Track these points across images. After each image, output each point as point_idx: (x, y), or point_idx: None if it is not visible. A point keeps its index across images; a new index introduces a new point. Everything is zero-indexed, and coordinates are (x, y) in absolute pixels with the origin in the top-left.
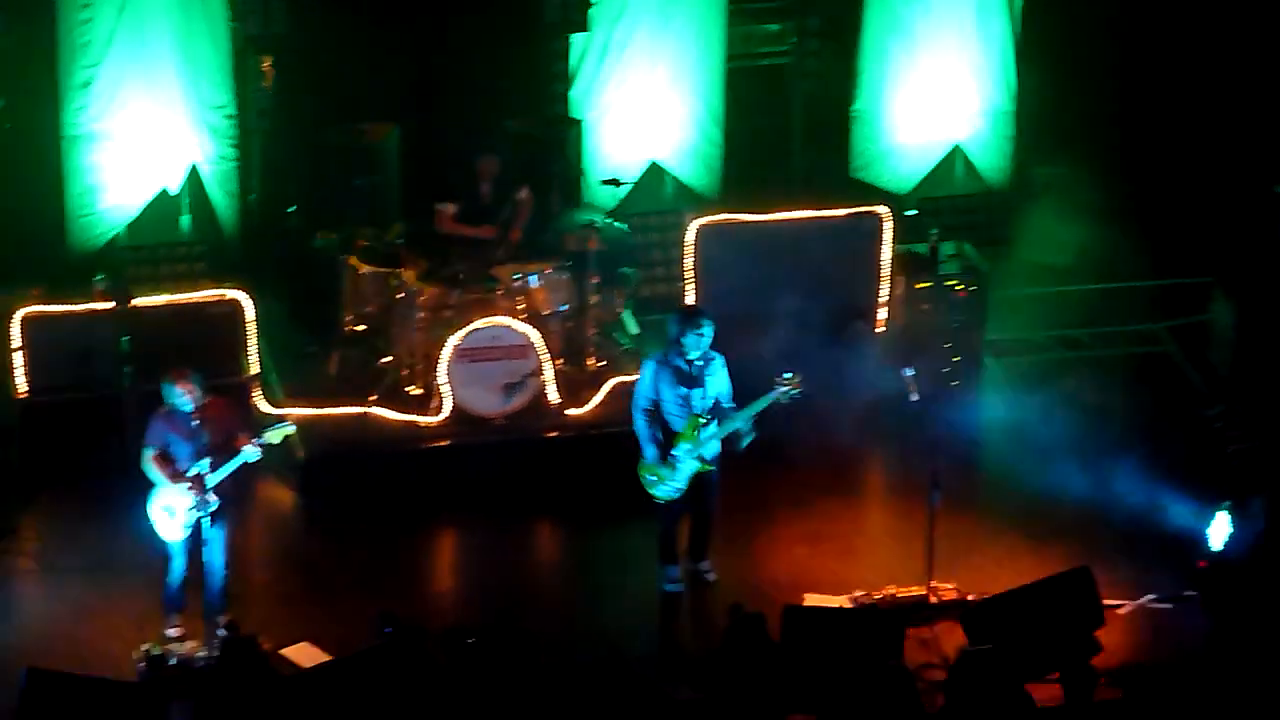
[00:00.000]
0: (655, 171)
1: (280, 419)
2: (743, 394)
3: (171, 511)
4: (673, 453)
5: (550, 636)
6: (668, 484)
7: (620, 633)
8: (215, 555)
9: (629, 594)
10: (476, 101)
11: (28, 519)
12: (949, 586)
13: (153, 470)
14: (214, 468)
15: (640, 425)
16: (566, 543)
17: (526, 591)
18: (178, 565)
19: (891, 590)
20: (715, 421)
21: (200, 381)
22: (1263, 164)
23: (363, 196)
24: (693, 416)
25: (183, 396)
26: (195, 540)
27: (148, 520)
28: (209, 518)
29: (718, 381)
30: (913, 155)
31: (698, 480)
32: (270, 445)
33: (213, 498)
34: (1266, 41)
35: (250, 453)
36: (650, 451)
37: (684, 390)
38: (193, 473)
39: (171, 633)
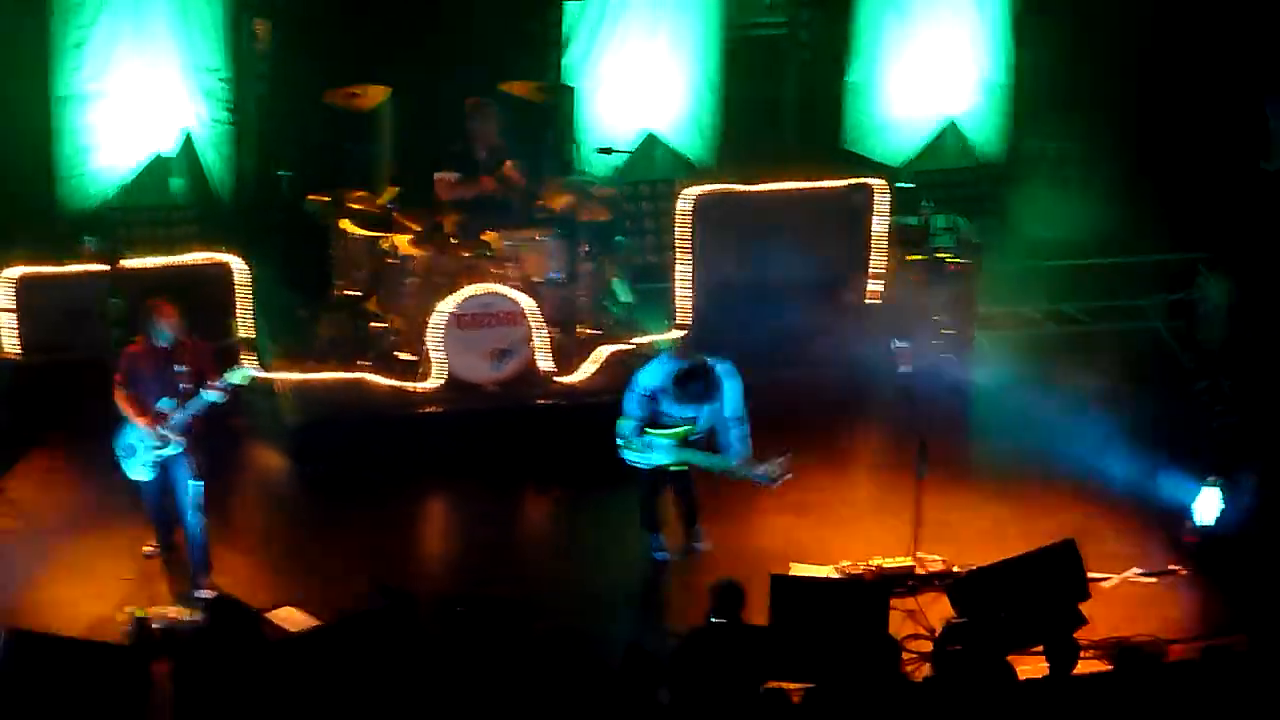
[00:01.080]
0: (650, 140)
1: (240, 364)
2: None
3: (134, 449)
4: (650, 438)
5: (539, 604)
6: (636, 454)
7: (611, 601)
8: (183, 503)
9: (620, 561)
10: (471, 67)
11: (14, 479)
12: (935, 558)
13: (121, 405)
14: (178, 407)
15: (629, 402)
16: (557, 510)
17: (517, 558)
18: (149, 496)
19: (878, 561)
20: (702, 442)
21: (179, 315)
22: (1257, 140)
23: (355, 160)
24: (687, 426)
25: (162, 327)
26: (163, 484)
27: (117, 457)
28: (173, 460)
29: (729, 399)
30: (907, 128)
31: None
32: (231, 386)
33: (175, 438)
34: (1262, 17)
35: (212, 395)
36: (628, 425)
37: (690, 411)
38: (155, 411)
39: (146, 550)
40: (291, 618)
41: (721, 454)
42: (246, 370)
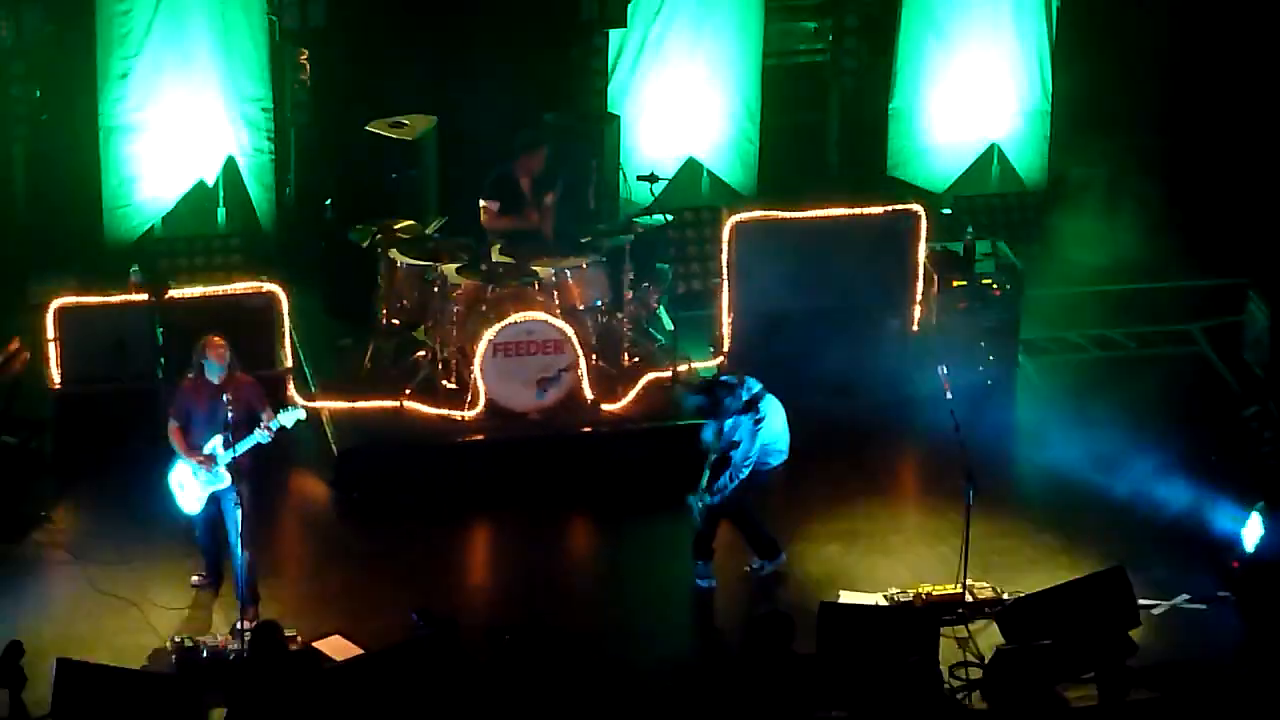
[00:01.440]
0: (692, 167)
1: (292, 403)
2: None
3: (184, 484)
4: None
5: (583, 633)
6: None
7: (652, 631)
8: (231, 535)
9: (662, 590)
10: (514, 96)
11: (61, 510)
12: (984, 585)
13: (173, 440)
14: (227, 445)
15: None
16: (600, 538)
17: (560, 587)
18: (199, 526)
19: (927, 588)
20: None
21: (230, 352)
22: None
23: (400, 190)
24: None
25: (213, 363)
26: (213, 516)
27: (169, 491)
28: (222, 493)
29: (740, 437)
30: (949, 153)
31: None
32: (281, 429)
33: (225, 475)
34: None
35: (261, 434)
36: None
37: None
38: (206, 450)
39: (194, 580)
40: (336, 646)
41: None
42: (296, 412)
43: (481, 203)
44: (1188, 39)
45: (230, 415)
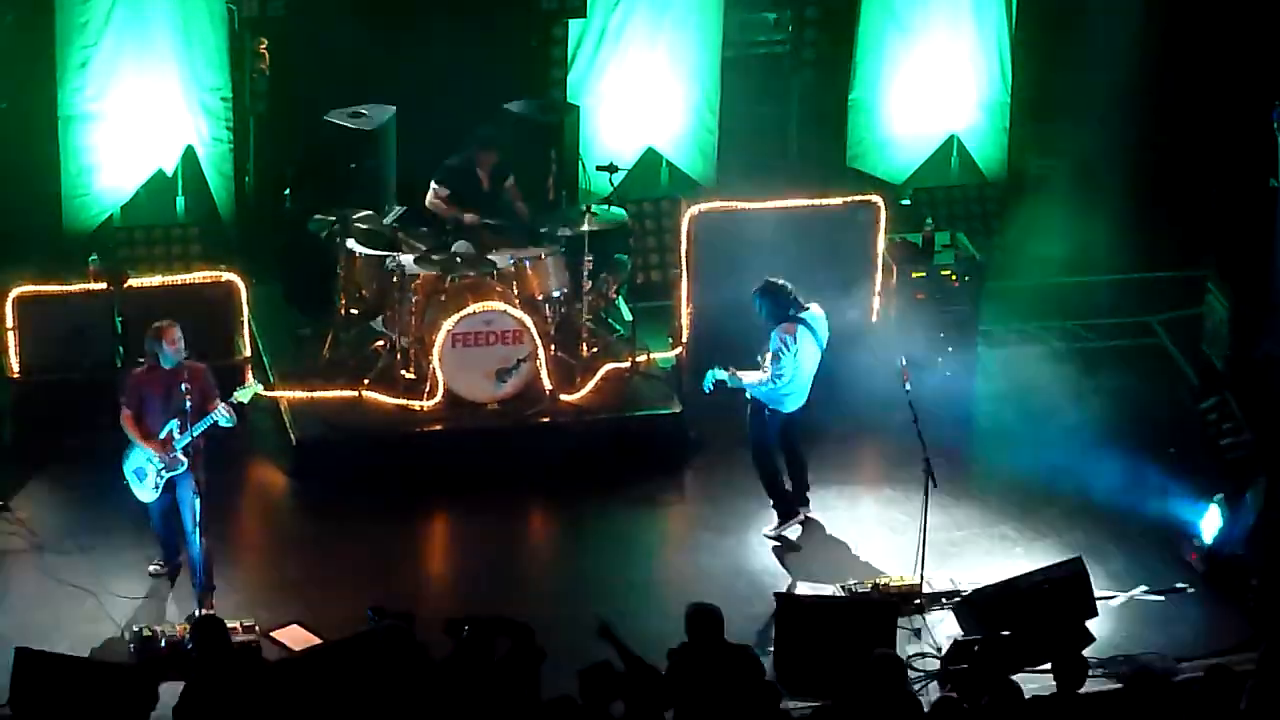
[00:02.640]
0: (651, 158)
1: (244, 382)
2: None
3: (142, 473)
4: None
5: (542, 623)
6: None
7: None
8: (187, 522)
9: (621, 580)
10: (474, 86)
11: (20, 499)
12: (942, 576)
13: (126, 428)
14: (183, 429)
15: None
16: (559, 528)
17: (519, 576)
18: (155, 515)
19: (884, 579)
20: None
21: (183, 336)
22: (1259, 156)
23: (359, 179)
24: None
25: (168, 352)
26: (169, 504)
27: (123, 480)
28: (179, 480)
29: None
30: (908, 145)
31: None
32: (239, 404)
33: (181, 459)
34: (1263, 32)
35: (220, 414)
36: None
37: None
38: (163, 434)
39: (151, 569)
40: (294, 636)
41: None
42: (252, 387)
43: (432, 185)
44: (1147, 30)
45: (186, 401)
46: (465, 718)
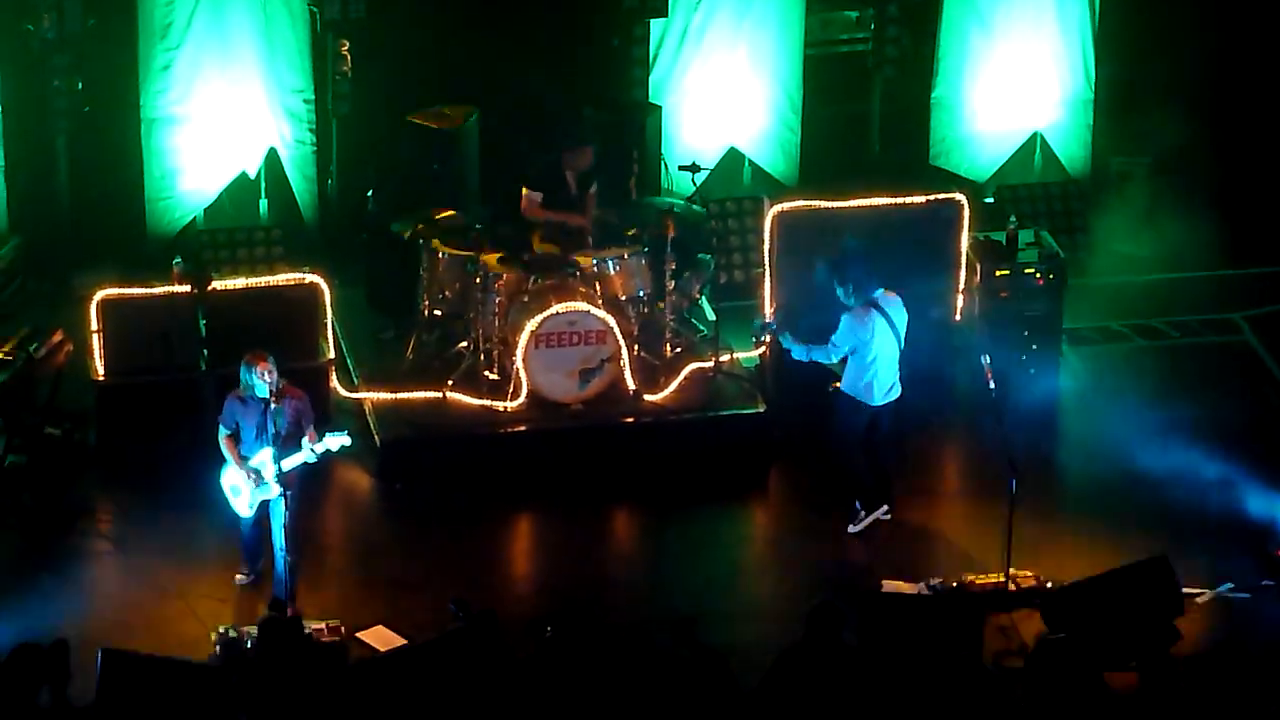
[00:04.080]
0: (734, 157)
1: (358, 418)
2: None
3: (236, 491)
4: None
5: (626, 624)
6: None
7: (696, 622)
8: (276, 538)
9: (705, 579)
10: (556, 86)
11: (105, 501)
12: (1028, 574)
13: (224, 449)
14: (277, 458)
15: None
16: (643, 529)
17: (602, 578)
18: (246, 526)
19: (970, 577)
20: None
21: (276, 367)
22: None
23: (442, 181)
24: None
25: (259, 381)
26: (263, 518)
27: (220, 493)
28: (272, 501)
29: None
30: (991, 142)
31: None
32: (326, 453)
33: (274, 487)
34: None
35: (308, 456)
36: None
37: None
38: (253, 462)
39: (238, 579)
40: (379, 636)
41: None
42: (342, 437)
43: (525, 190)
44: (1232, 26)
45: (278, 429)
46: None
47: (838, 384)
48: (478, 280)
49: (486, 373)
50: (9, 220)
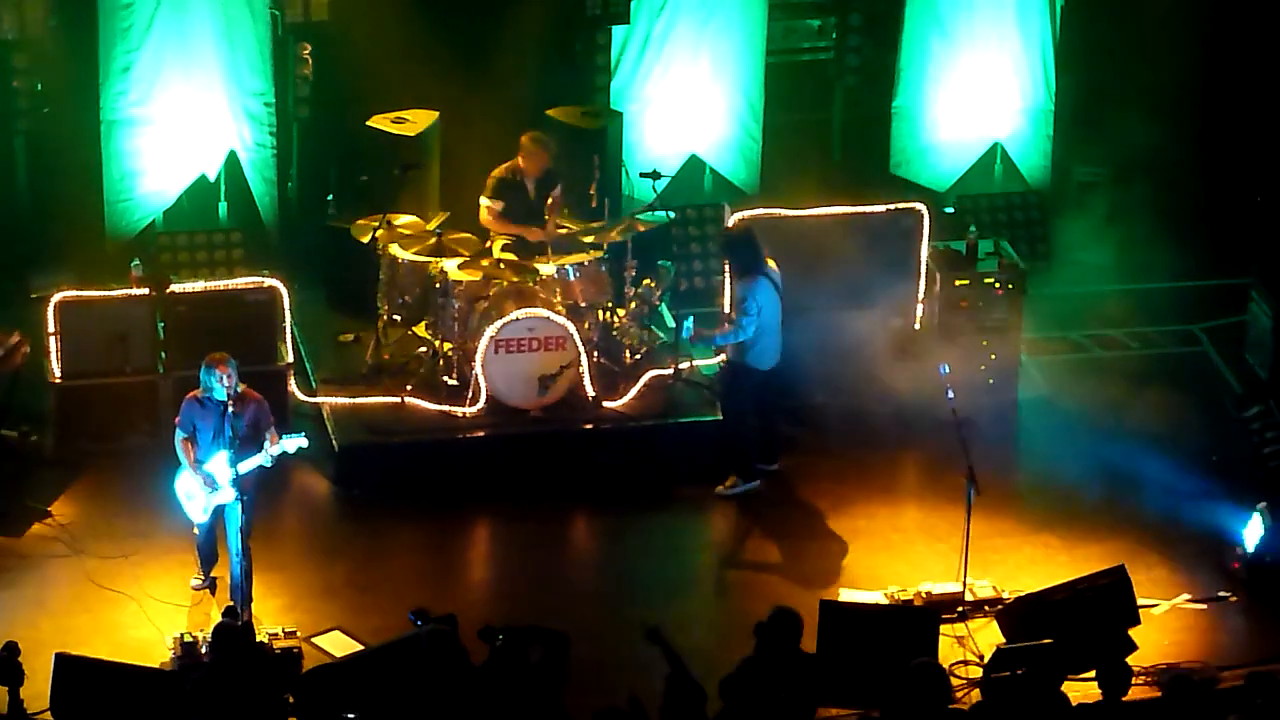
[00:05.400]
0: (694, 164)
1: (316, 422)
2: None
3: (190, 496)
4: None
5: (584, 628)
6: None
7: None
8: (231, 541)
9: (664, 586)
10: (517, 92)
11: (60, 503)
12: (985, 584)
13: (180, 452)
14: (233, 462)
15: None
16: (601, 535)
17: (561, 583)
18: (202, 532)
19: (927, 587)
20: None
21: (236, 371)
22: None
23: (402, 185)
24: None
25: (219, 384)
26: (216, 524)
27: (174, 497)
28: (227, 505)
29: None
30: (952, 152)
31: None
32: (282, 455)
33: (230, 491)
34: None
35: (264, 458)
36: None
37: None
38: (209, 465)
39: (194, 583)
40: (338, 642)
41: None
42: (298, 439)
43: (484, 201)
44: (1193, 38)
45: (235, 433)
46: None
47: (724, 357)
48: (437, 285)
49: (446, 378)
50: None
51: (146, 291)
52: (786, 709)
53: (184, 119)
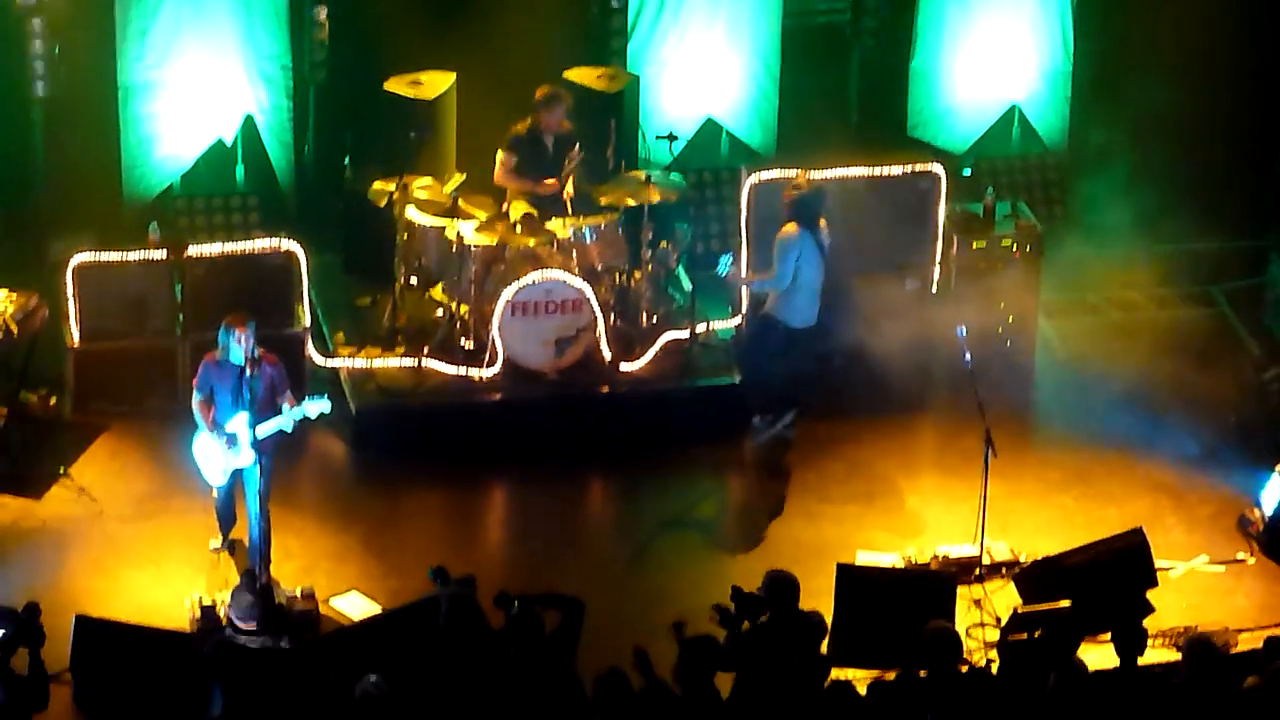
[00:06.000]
0: (711, 128)
1: (333, 385)
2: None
3: (209, 459)
4: None
5: (599, 592)
6: None
7: (668, 591)
8: (250, 504)
9: (680, 549)
10: (533, 55)
11: (79, 466)
12: (1002, 546)
13: (198, 414)
14: (252, 425)
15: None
16: (618, 498)
17: (577, 547)
18: (220, 494)
19: (944, 550)
20: None
21: (254, 333)
22: None
23: (419, 148)
24: None
25: (236, 345)
26: (235, 486)
27: (191, 459)
28: (246, 468)
29: None
30: (969, 114)
31: None
32: (304, 419)
33: (249, 454)
34: None
35: (285, 424)
36: None
37: None
38: (228, 428)
39: (212, 546)
40: (355, 604)
41: None
42: (321, 403)
43: (499, 156)
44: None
45: (254, 395)
46: (516, 689)
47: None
48: (454, 249)
49: (462, 341)
50: None
51: (164, 255)
52: (800, 672)
53: (201, 83)
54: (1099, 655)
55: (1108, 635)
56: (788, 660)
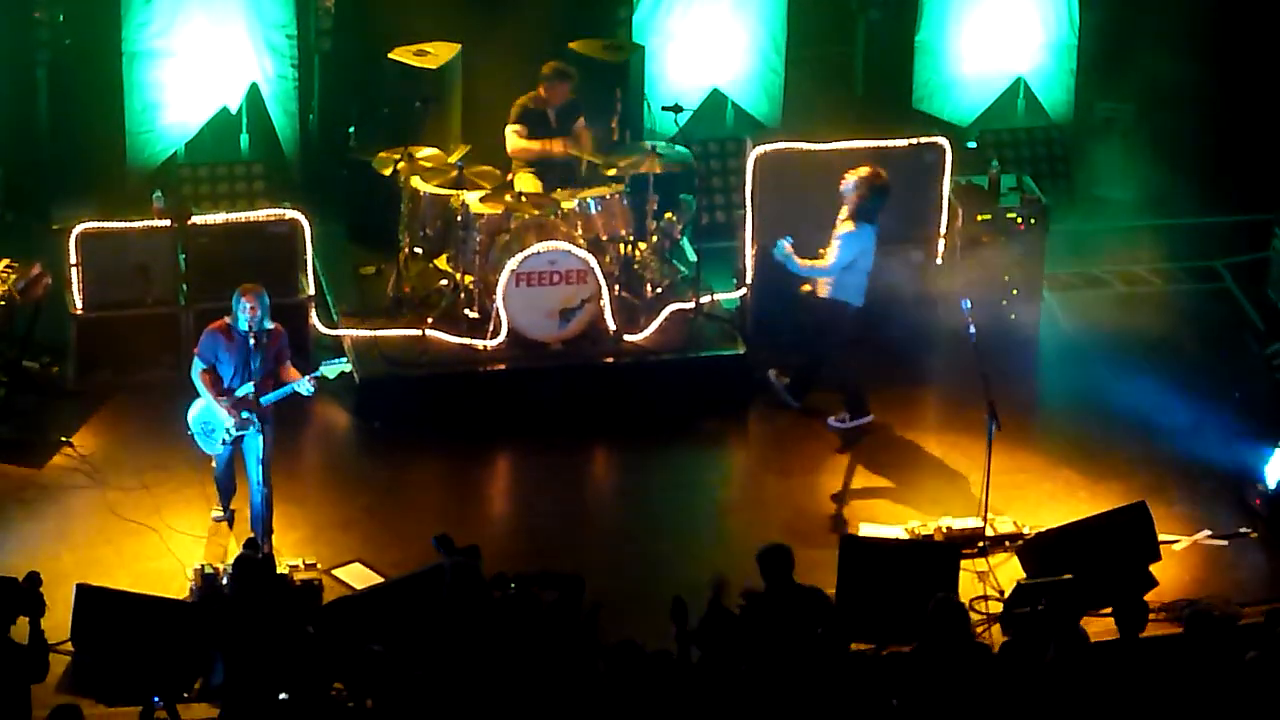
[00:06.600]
0: (716, 98)
1: (338, 355)
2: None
3: (208, 427)
4: None
5: (603, 562)
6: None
7: (673, 561)
8: (252, 471)
9: (684, 520)
10: (539, 25)
11: (82, 435)
12: (1005, 519)
13: (199, 384)
14: (259, 393)
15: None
16: (622, 468)
17: (581, 517)
18: (219, 464)
19: (948, 522)
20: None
21: (262, 305)
22: None
23: (424, 118)
24: None
25: (243, 314)
26: (234, 454)
27: (188, 429)
28: (247, 436)
29: None
30: (975, 87)
31: None
32: (325, 379)
33: (252, 421)
34: None
35: (304, 385)
36: None
37: None
38: (237, 395)
39: (214, 515)
40: (358, 574)
41: None
42: (340, 364)
43: (510, 128)
44: None
45: (259, 364)
46: (516, 666)
47: (807, 287)
48: (458, 218)
49: (466, 311)
50: None
51: (168, 223)
52: (819, 647)
53: (206, 51)
54: (1101, 628)
55: (1109, 608)
56: (792, 630)
